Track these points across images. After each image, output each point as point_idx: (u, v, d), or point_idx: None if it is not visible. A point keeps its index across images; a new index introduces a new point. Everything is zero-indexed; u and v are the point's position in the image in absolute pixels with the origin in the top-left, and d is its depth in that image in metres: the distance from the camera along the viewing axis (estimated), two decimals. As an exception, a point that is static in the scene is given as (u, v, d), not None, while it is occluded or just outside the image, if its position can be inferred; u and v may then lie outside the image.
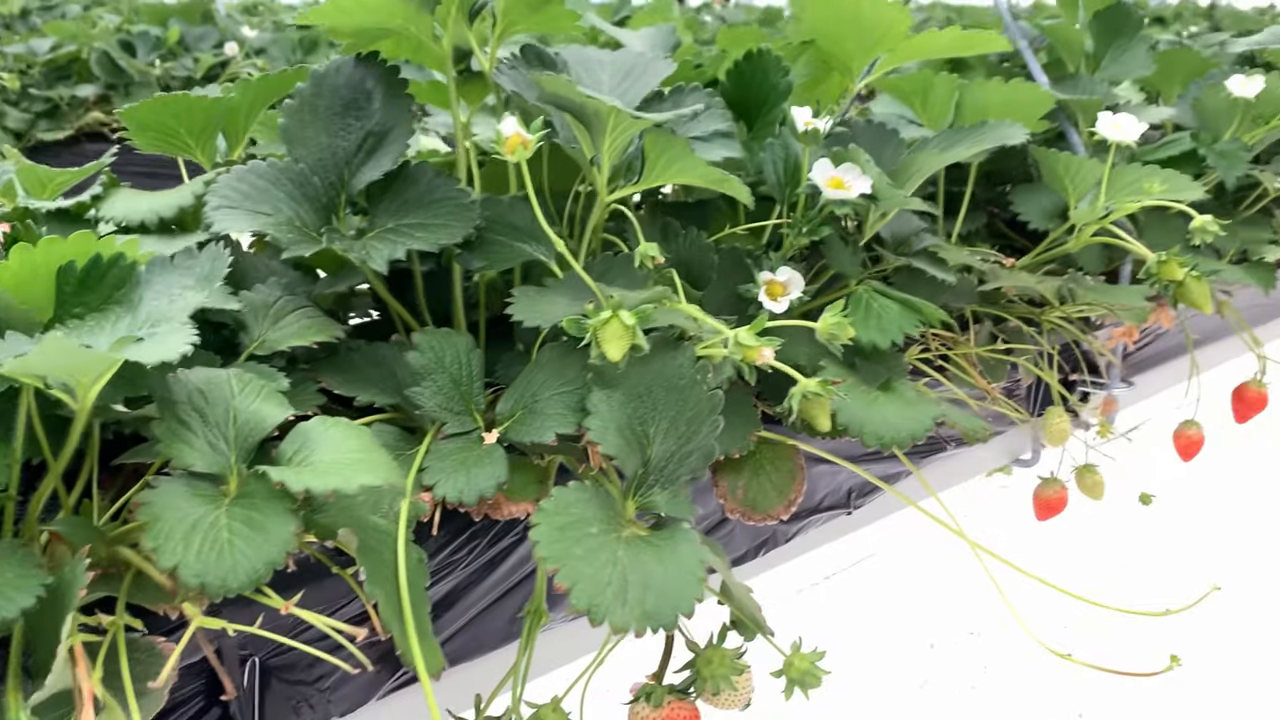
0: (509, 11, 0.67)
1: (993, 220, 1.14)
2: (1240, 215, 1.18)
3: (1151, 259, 0.76)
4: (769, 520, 0.79)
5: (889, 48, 0.82)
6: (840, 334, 0.67)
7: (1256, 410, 1.16)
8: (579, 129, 0.65)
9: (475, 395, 0.66)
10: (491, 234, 0.67)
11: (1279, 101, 1.06)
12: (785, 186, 0.79)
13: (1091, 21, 1.12)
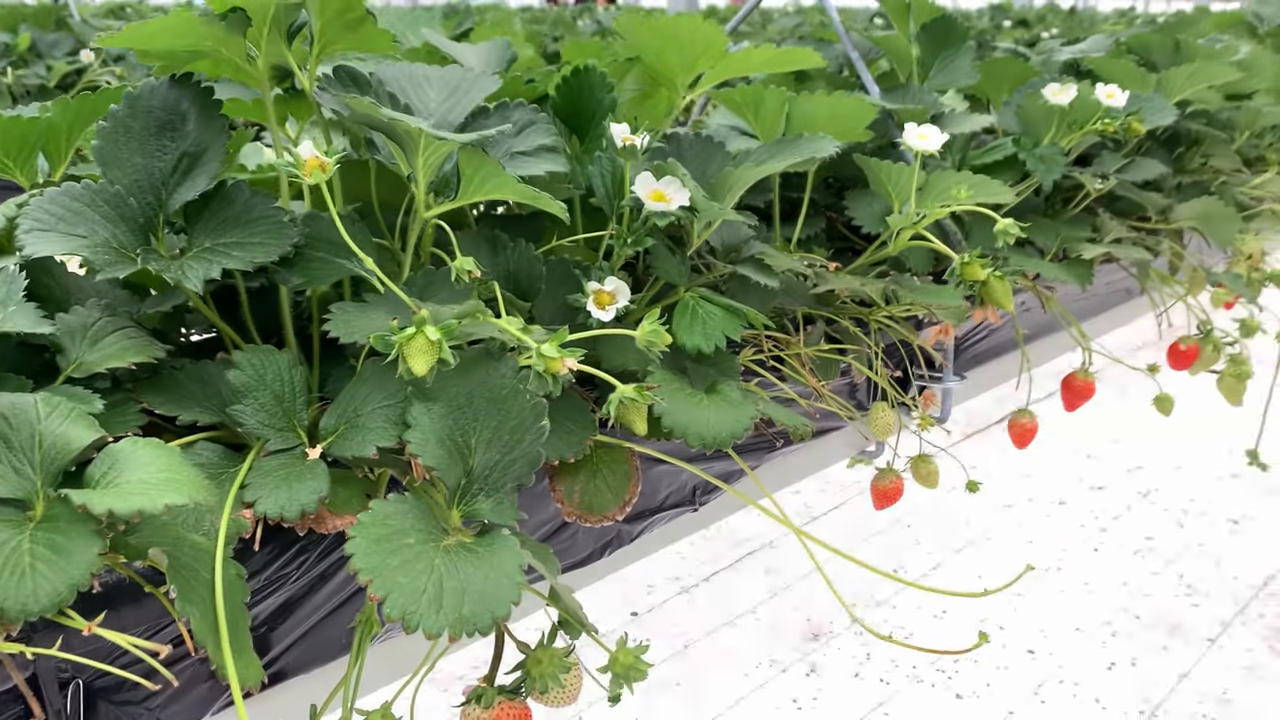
0: (325, 32, 0.68)
1: (832, 224, 1.18)
2: (1065, 215, 1.25)
3: (956, 260, 0.81)
4: (606, 522, 0.81)
5: (708, 65, 0.86)
6: (657, 340, 0.69)
7: (1084, 399, 1.23)
8: (394, 147, 0.66)
9: (299, 411, 0.67)
10: (312, 251, 0.68)
11: (1093, 108, 1.13)
12: (612, 199, 0.81)
13: (920, 33, 1.17)
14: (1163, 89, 1.25)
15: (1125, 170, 1.21)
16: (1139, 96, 1.16)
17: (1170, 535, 2.96)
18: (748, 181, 0.79)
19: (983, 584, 2.75)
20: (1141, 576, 2.76)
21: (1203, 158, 1.38)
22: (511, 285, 0.76)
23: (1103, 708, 2.27)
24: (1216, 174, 1.39)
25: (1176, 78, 1.23)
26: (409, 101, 0.77)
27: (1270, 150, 1.55)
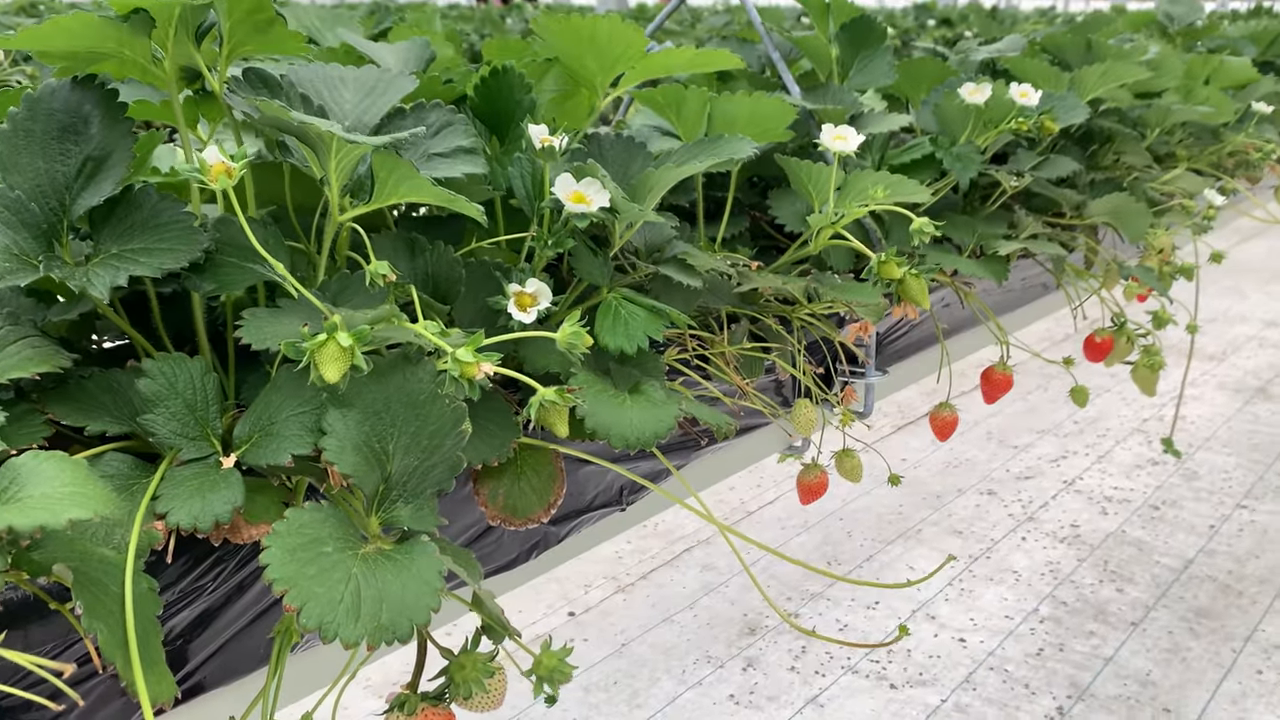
0: (235, 33, 0.67)
1: (757, 223, 1.19)
2: (983, 213, 1.28)
3: (873, 259, 0.82)
4: (531, 524, 0.81)
5: (628, 66, 0.86)
6: (578, 343, 0.69)
7: (1002, 391, 1.26)
8: (306, 151, 0.65)
9: (212, 420, 0.66)
10: (224, 256, 0.67)
11: (1007, 107, 1.15)
12: (533, 200, 0.81)
13: (839, 33, 1.19)
14: (1076, 88, 1.28)
15: (1040, 168, 1.24)
16: (1052, 95, 1.19)
17: (1094, 523, 3.03)
18: (668, 182, 0.79)
19: (914, 574, 2.79)
20: (1068, 564, 2.82)
21: (1115, 154, 1.42)
22: (430, 288, 0.75)
23: (1032, 692, 2.32)
24: (1128, 170, 1.43)
25: (1089, 77, 1.26)
26: (323, 103, 0.76)
27: (1179, 147, 1.59)
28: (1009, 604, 2.65)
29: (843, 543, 2.95)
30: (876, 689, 2.35)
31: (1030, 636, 2.52)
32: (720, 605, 2.66)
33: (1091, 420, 3.69)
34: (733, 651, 2.49)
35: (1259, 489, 3.20)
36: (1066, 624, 2.56)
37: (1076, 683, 2.35)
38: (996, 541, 2.94)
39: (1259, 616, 2.57)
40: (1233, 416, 3.73)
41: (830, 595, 2.69)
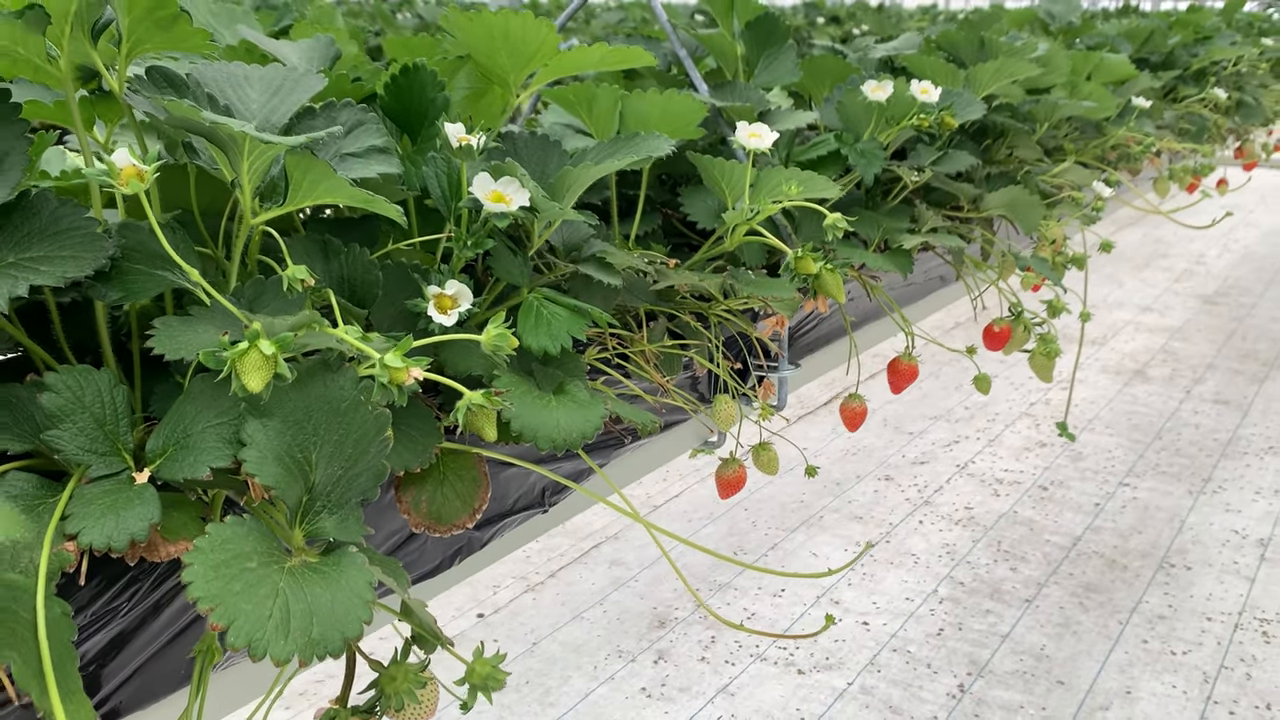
0: (134, 30, 0.64)
1: (669, 220, 1.20)
2: (886, 207, 1.31)
3: (790, 255, 0.83)
4: (456, 530, 0.80)
5: (542, 63, 0.85)
6: (504, 345, 0.68)
7: (908, 381, 1.29)
8: (216, 152, 0.63)
9: (123, 434, 0.63)
10: (130, 263, 0.64)
11: (908, 104, 1.18)
12: (450, 200, 0.80)
13: (744, 31, 1.20)
14: (971, 84, 1.31)
15: (939, 163, 1.27)
16: (950, 92, 1.22)
17: (987, 505, 3.13)
18: (587, 180, 0.79)
19: (818, 560, 2.85)
20: (964, 545, 2.91)
21: (1008, 149, 1.46)
22: (346, 292, 0.74)
23: (934, 672, 2.39)
24: (1021, 164, 1.48)
25: (983, 74, 1.30)
26: (229, 103, 0.73)
27: (1066, 141, 1.66)
28: (909, 586, 2.72)
29: (748, 532, 2.99)
30: (785, 675, 2.39)
31: (930, 617, 2.59)
32: (630, 600, 2.67)
33: (981, 406, 3.81)
34: (643, 645, 2.50)
35: (1140, 467, 3.34)
36: (964, 604, 2.64)
37: (976, 660, 2.43)
38: (895, 526, 3.02)
39: (1143, 589, 2.69)
40: (1114, 398, 3.90)
41: (737, 585, 2.72)
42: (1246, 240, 6.25)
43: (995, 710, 2.26)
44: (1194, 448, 3.48)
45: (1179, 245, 6.13)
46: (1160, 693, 2.30)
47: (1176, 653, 2.44)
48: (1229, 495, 3.16)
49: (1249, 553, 2.85)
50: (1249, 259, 5.86)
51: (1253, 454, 3.43)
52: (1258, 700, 2.27)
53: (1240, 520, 3.02)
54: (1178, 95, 2.18)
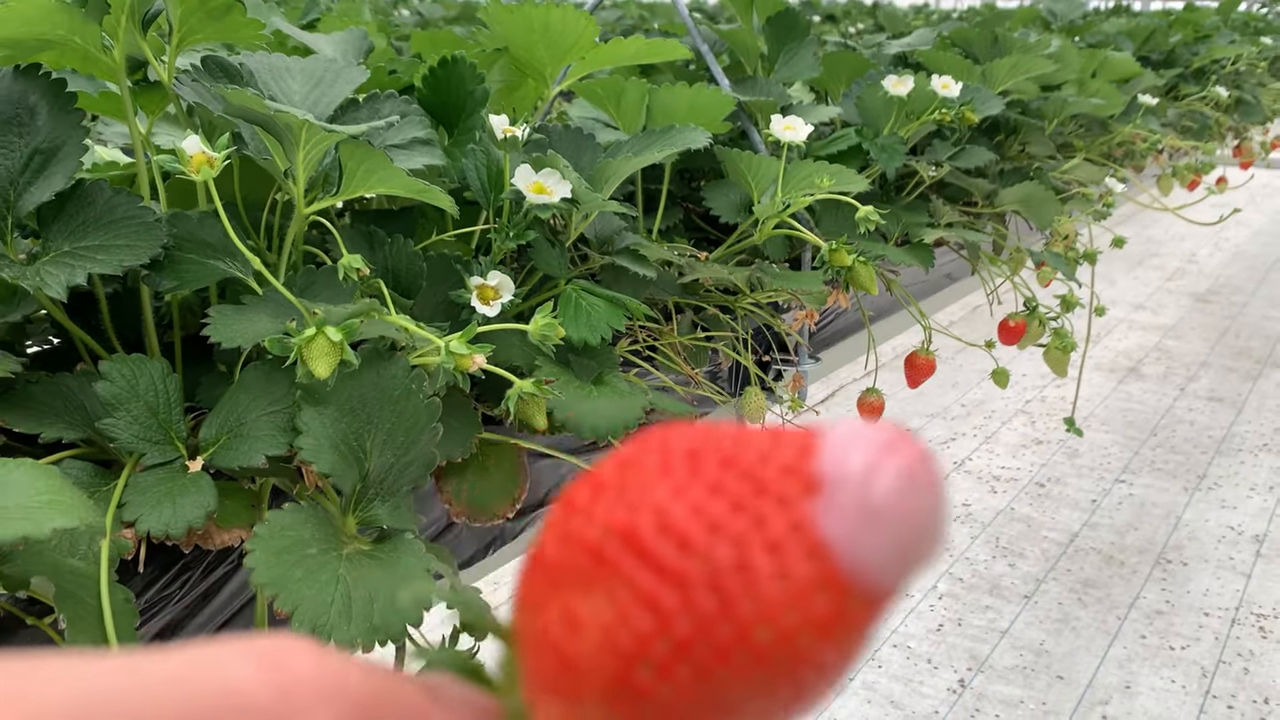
0: (186, 21, 0.64)
1: (689, 215, 1.20)
2: (902, 202, 1.31)
3: (824, 247, 0.84)
4: (495, 521, 0.80)
5: (579, 55, 0.86)
6: (551, 334, 0.69)
7: (925, 375, 1.29)
8: (270, 142, 0.63)
9: (175, 422, 0.64)
10: (181, 252, 0.64)
11: (928, 99, 1.19)
12: (490, 192, 0.80)
13: (765, 26, 1.20)
14: (987, 80, 1.32)
15: (956, 158, 1.28)
16: (969, 88, 1.23)
17: (985, 501, 3.14)
18: (625, 172, 0.79)
19: (819, 558, 2.85)
20: (962, 541, 2.93)
21: (1020, 145, 1.47)
22: (391, 283, 0.74)
23: (934, 667, 2.40)
24: (1032, 160, 1.49)
25: (999, 69, 1.31)
26: (272, 94, 0.74)
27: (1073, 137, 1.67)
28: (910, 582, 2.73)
29: (748, 530, 3.00)
30: (788, 671, 2.40)
31: (930, 613, 2.61)
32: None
33: (978, 403, 3.83)
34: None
35: (1135, 464, 3.37)
36: (964, 599, 2.66)
37: (975, 655, 2.44)
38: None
39: (1140, 585, 2.71)
40: (1109, 395, 3.92)
41: (739, 582, 2.74)
42: (1237, 239, 6.30)
43: (995, 705, 2.27)
44: (1189, 445, 3.50)
45: (1170, 244, 6.17)
46: (1159, 687, 2.32)
47: (1175, 648, 2.45)
48: (1224, 492, 3.18)
49: (1245, 549, 2.87)
50: (1240, 257, 5.90)
51: (1247, 451, 3.46)
52: (1255, 694, 2.29)
53: (1236, 516, 3.04)
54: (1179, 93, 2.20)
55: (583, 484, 0.19)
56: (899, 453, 0.17)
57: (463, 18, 2.93)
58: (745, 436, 0.18)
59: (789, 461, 0.17)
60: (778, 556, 0.16)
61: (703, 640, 0.16)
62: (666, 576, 0.17)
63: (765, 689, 0.17)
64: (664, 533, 0.17)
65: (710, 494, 0.17)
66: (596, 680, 0.17)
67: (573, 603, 0.18)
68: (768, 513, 0.16)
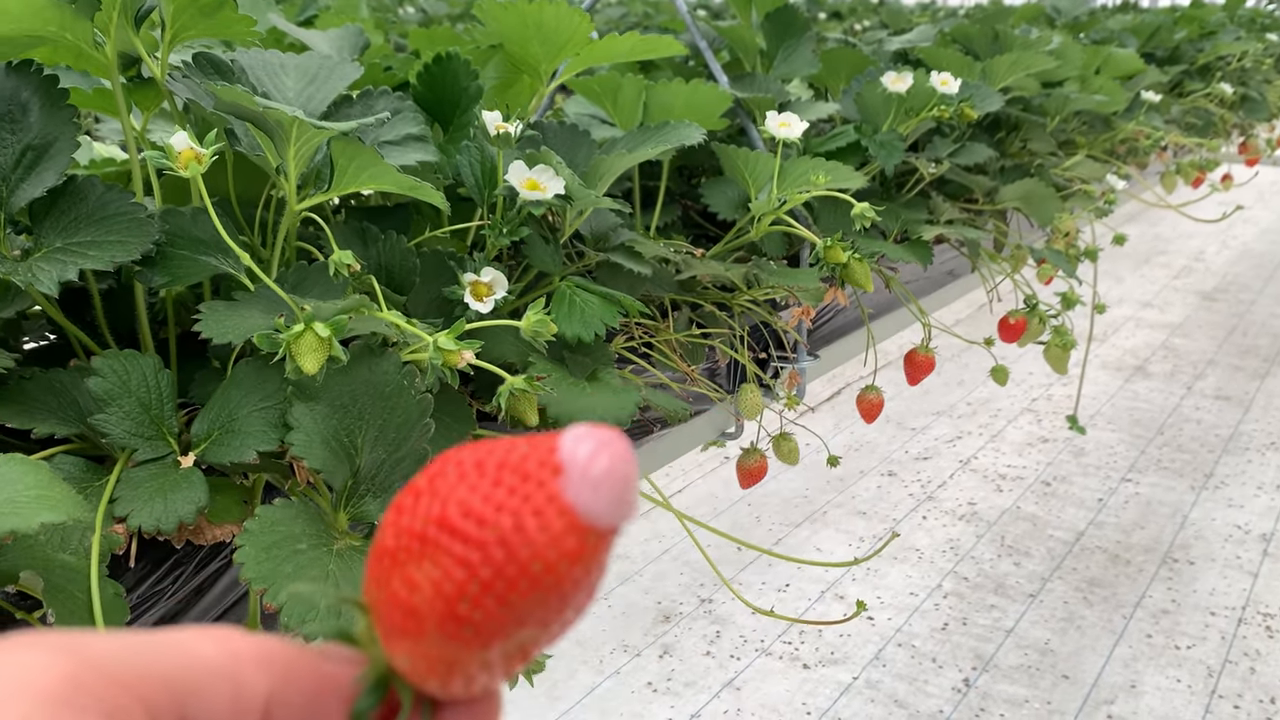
0: (178, 17, 0.64)
1: (687, 212, 1.20)
2: (902, 199, 1.31)
3: (819, 244, 0.84)
4: (488, 516, 0.80)
5: (574, 52, 0.86)
6: (543, 331, 0.69)
7: (925, 373, 1.29)
8: (262, 138, 0.63)
9: (168, 418, 0.64)
10: (173, 248, 0.64)
11: (927, 95, 1.19)
12: (483, 189, 0.80)
13: (763, 23, 1.20)
14: (987, 77, 1.32)
15: (956, 155, 1.28)
16: (969, 84, 1.23)
17: (990, 500, 3.14)
18: (620, 169, 0.79)
19: (821, 556, 2.85)
20: (967, 540, 2.92)
21: (1021, 141, 1.47)
22: (384, 279, 0.74)
23: (939, 666, 2.40)
24: (1033, 157, 1.48)
25: (999, 66, 1.31)
26: (265, 90, 0.74)
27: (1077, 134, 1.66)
28: (913, 581, 2.73)
29: (752, 528, 3.00)
30: (790, 669, 2.40)
31: (935, 612, 2.60)
32: (634, 594, 2.67)
33: (983, 401, 3.82)
34: (649, 639, 2.50)
35: (1141, 462, 3.36)
36: (968, 598, 2.65)
37: (980, 654, 2.44)
38: (899, 521, 3.02)
39: (1146, 584, 2.70)
40: (1115, 394, 3.91)
41: (742, 579, 2.73)
42: (1245, 237, 6.27)
43: (1000, 704, 2.26)
44: (1196, 443, 3.49)
45: (1177, 242, 6.15)
46: (1165, 687, 2.31)
47: (1180, 647, 2.45)
48: (1231, 491, 3.17)
49: (1251, 548, 2.86)
50: (1247, 255, 5.88)
51: (1254, 450, 3.44)
52: (1262, 694, 2.28)
53: (1243, 515, 3.03)
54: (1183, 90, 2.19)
55: (406, 493, 0.27)
56: (606, 443, 0.25)
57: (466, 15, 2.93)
58: (514, 444, 0.26)
59: (542, 457, 0.26)
60: (540, 518, 0.25)
61: (499, 578, 0.25)
62: (470, 543, 0.26)
63: (544, 602, 0.26)
64: (466, 516, 0.26)
65: (493, 486, 0.26)
66: (431, 617, 0.26)
67: (409, 572, 0.27)
68: (531, 491, 0.26)
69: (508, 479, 0.26)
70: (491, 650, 0.26)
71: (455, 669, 0.27)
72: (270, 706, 0.27)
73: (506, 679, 0.28)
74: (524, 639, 0.27)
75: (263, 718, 0.27)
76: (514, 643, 0.27)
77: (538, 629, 0.26)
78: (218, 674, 0.26)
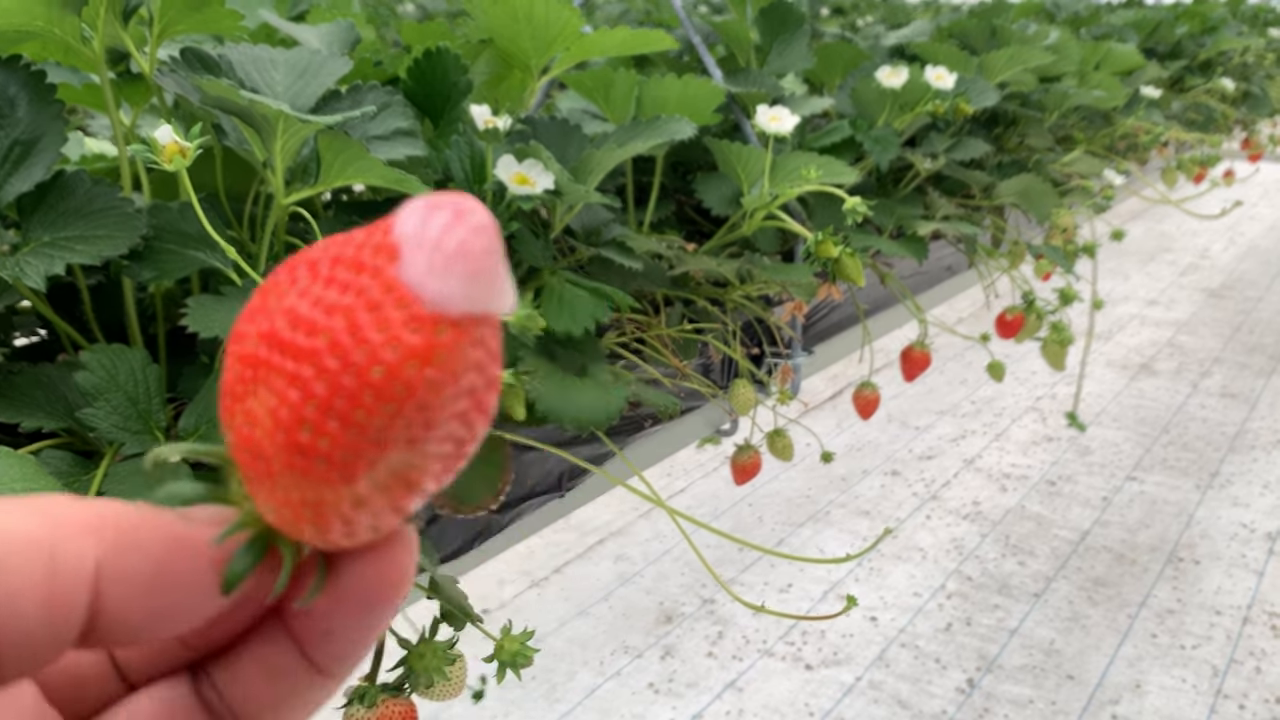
0: (166, 12, 0.64)
1: (681, 207, 1.20)
2: (899, 194, 1.31)
3: (810, 239, 0.84)
4: (479, 512, 0.80)
5: (564, 46, 0.86)
6: (531, 325, 0.69)
7: (921, 369, 1.29)
8: (249, 132, 0.63)
9: (155, 412, 0.64)
10: (161, 243, 0.65)
11: (922, 90, 1.18)
12: (472, 183, 0.80)
13: (758, 18, 1.20)
14: (984, 72, 1.32)
15: (952, 150, 1.28)
16: (965, 79, 1.23)
17: (995, 499, 3.13)
18: (610, 163, 0.79)
19: (825, 556, 2.85)
20: (971, 540, 2.91)
21: (1019, 137, 1.46)
22: (374, 274, 0.74)
23: (943, 667, 2.39)
24: (1031, 152, 1.48)
25: (996, 61, 1.31)
26: (255, 85, 0.74)
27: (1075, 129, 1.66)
28: (917, 581, 2.72)
29: (754, 528, 2.99)
30: (793, 670, 2.39)
31: (939, 612, 2.60)
32: (635, 595, 2.67)
33: (988, 400, 3.82)
34: (650, 640, 2.50)
35: (1147, 461, 3.35)
36: (972, 598, 2.65)
37: (984, 655, 2.43)
38: (902, 521, 3.02)
39: (1151, 583, 2.69)
40: (1121, 392, 3.90)
41: (743, 580, 2.73)
42: (1251, 234, 6.25)
43: (1005, 705, 2.26)
44: (1201, 442, 3.48)
45: (1183, 239, 6.13)
46: (1170, 686, 2.30)
47: (1186, 647, 2.44)
48: (1237, 489, 3.16)
49: (1257, 546, 2.85)
50: (1254, 252, 5.86)
51: (1260, 448, 3.43)
52: (1267, 694, 2.28)
53: (1248, 514, 3.02)
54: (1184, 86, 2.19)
55: (242, 316, 0.23)
56: (448, 210, 0.21)
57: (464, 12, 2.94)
58: (351, 236, 0.22)
59: (377, 241, 0.22)
60: (376, 313, 0.21)
61: (337, 394, 0.21)
62: (301, 356, 0.22)
63: (399, 416, 0.21)
64: (295, 327, 0.22)
65: (325, 286, 0.22)
66: (275, 454, 0.22)
67: (248, 405, 0.23)
68: (366, 284, 0.21)
69: (341, 275, 0.22)
70: (357, 484, 0.22)
71: (325, 512, 0.23)
72: (103, 579, 0.23)
73: (400, 515, 0.24)
74: (395, 465, 0.22)
75: (93, 593, 0.23)
76: (384, 472, 0.22)
77: (407, 451, 0.22)
78: (28, 543, 0.21)
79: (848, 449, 3.45)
